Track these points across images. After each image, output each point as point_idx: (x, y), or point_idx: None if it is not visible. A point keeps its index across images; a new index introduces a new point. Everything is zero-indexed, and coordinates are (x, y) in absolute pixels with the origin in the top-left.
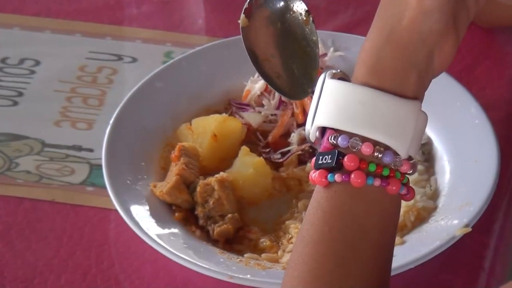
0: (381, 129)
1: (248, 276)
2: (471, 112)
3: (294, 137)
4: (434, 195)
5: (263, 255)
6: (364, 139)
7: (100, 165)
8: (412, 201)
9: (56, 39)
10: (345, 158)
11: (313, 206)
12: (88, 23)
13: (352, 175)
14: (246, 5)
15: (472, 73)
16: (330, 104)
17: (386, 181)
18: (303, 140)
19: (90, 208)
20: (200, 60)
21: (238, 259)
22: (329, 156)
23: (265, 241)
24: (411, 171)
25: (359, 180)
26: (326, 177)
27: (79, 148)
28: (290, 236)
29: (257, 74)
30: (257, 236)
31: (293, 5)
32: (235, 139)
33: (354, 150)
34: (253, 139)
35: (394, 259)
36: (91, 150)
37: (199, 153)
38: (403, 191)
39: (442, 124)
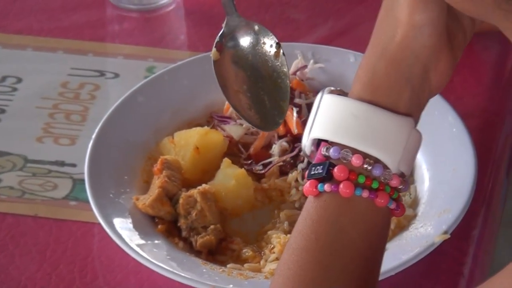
0: (372, 142)
1: (231, 286)
2: (449, 120)
3: (275, 149)
4: (414, 203)
5: (245, 265)
6: (354, 151)
7: (83, 180)
8: None
9: (38, 56)
10: (335, 169)
11: (303, 215)
12: (70, 40)
13: (341, 185)
14: (217, 38)
15: (450, 82)
16: (325, 117)
17: (374, 194)
18: (284, 151)
19: (73, 222)
20: (182, 74)
21: (221, 270)
22: (321, 167)
23: (247, 252)
24: (401, 187)
25: (347, 190)
26: (316, 187)
27: (62, 164)
28: (272, 246)
29: None
30: (240, 246)
31: (264, 38)
32: (217, 151)
33: (344, 161)
34: (235, 151)
35: None
36: (74, 165)
37: (182, 165)
38: (393, 206)
39: (421, 133)
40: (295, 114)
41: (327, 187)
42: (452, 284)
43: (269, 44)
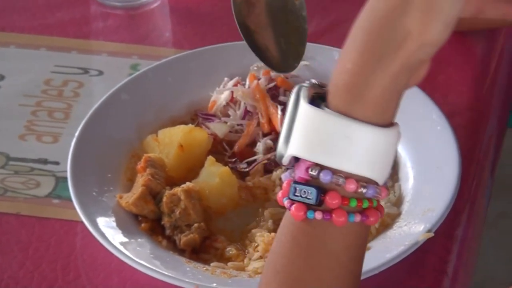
0: (367, 164)
1: (214, 284)
2: (433, 119)
3: (259, 147)
4: (398, 202)
5: (229, 263)
6: (347, 175)
7: (66, 178)
8: None
9: (21, 53)
10: (327, 196)
11: (287, 239)
12: (53, 38)
13: (334, 215)
14: None
15: (434, 80)
16: (310, 135)
17: (366, 215)
18: (269, 149)
19: (56, 221)
20: (166, 71)
21: (205, 268)
22: (309, 192)
23: (231, 250)
24: (386, 196)
25: (341, 219)
26: (305, 212)
27: (45, 161)
28: (256, 244)
29: (222, 85)
30: (224, 245)
31: None
32: (201, 149)
33: (337, 186)
34: (219, 149)
35: None
36: (57, 163)
37: (166, 163)
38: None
39: (405, 131)
40: (279, 112)
41: (318, 215)
42: (436, 283)
43: None
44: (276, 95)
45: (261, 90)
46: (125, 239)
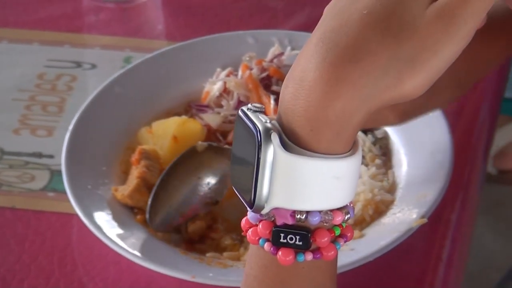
0: (351, 193)
1: (210, 274)
2: None
3: None
4: (392, 188)
5: (224, 253)
6: (334, 210)
7: (61, 171)
8: (370, 195)
9: (14, 48)
10: (316, 237)
11: (275, 283)
12: (46, 32)
13: (324, 252)
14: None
15: None
16: (295, 185)
17: (345, 236)
18: None
19: (52, 214)
20: (159, 64)
21: (200, 259)
22: (298, 238)
23: (226, 240)
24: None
25: (331, 253)
26: (293, 256)
27: (39, 155)
28: None
29: (215, 75)
30: (220, 235)
31: None
32: (195, 140)
33: (326, 224)
34: (214, 139)
35: (353, 252)
36: (51, 157)
37: (160, 155)
38: None
39: None
40: (272, 101)
41: (308, 256)
42: (431, 268)
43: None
44: (269, 84)
45: (254, 80)
46: (121, 231)
